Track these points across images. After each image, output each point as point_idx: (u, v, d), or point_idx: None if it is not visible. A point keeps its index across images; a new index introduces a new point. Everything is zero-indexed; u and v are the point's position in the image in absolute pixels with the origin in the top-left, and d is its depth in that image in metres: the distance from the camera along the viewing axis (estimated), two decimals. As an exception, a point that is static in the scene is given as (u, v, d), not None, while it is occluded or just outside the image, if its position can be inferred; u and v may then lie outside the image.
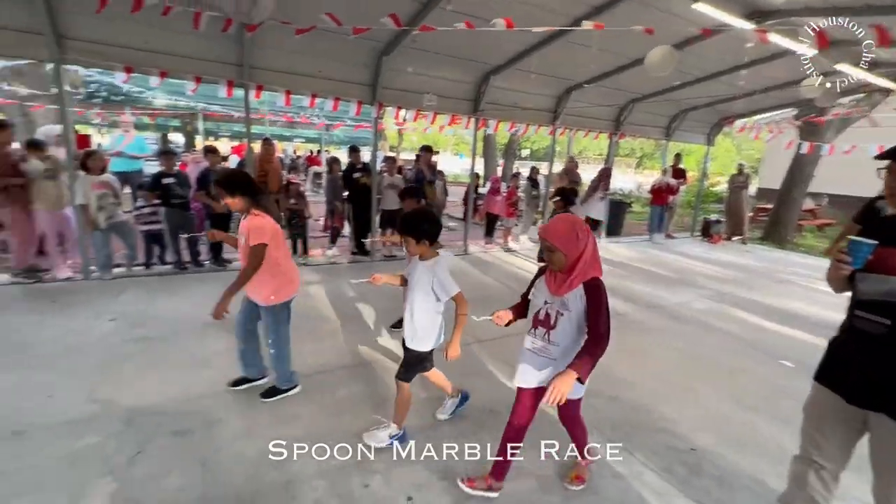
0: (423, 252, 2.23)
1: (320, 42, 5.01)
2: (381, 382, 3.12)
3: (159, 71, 4.75)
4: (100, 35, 4.45)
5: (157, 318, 3.92)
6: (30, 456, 2.22)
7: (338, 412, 2.74)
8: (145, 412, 2.61)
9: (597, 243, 1.86)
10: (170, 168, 5.02)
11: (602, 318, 1.77)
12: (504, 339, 3.71)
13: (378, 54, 5.68)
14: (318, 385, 3.02)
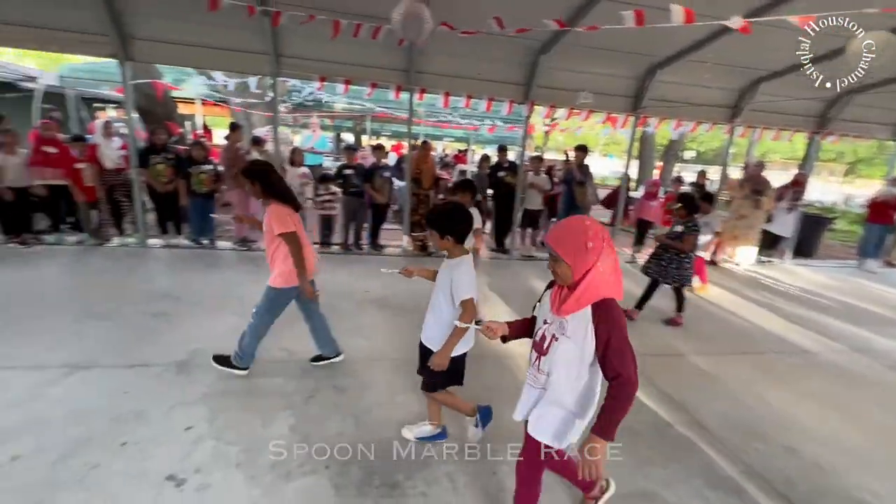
0: (448, 248, 2.06)
1: (479, 45, 5.22)
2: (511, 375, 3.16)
3: (345, 79, 5.55)
4: (304, 52, 5.41)
5: (327, 288, 4.61)
6: (241, 383, 2.85)
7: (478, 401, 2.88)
8: (318, 365, 3.12)
9: (616, 259, 1.43)
10: (350, 161, 5.84)
11: (626, 354, 1.38)
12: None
13: (535, 53, 5.69)
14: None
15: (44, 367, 2.83)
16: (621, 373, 1.37)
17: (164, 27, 5.06)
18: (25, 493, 1.92)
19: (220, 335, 3.45)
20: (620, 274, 1.46)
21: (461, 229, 2.00)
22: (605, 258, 1.39)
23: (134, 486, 2.00)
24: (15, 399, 2.50)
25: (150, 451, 2.22)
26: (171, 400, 2.61)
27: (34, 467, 2.05)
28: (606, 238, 1.41)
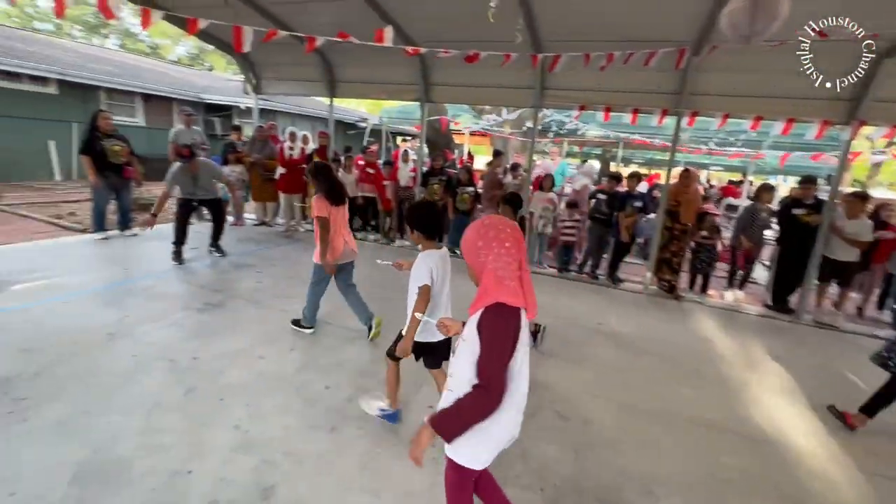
0: (418, 241, 2.30)
1: (779, 57, 4.30)
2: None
3: (605, 107, 5.50)
4: (567, 83, 5.64)
5: (556, 312, 4.65)
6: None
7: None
8: (541, 385, 3.16)
9: (519, 262, 1.34)
10: (611, 188, 5.74)
11: (488, 360, 1.29)
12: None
13: (878, 57, 4.28)
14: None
15: (347, 327, 3.82)
16: (481, 382, 1.28)
17: (454, 74, 6.20)
18: (322, 418, 2.61)
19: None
20: (526, 280, 1.36)
21: (426, 224, 2.26)
22: (498, 259, 1.31)
23: (390, 440, 2.45)
24: (331, 347, 3.46)
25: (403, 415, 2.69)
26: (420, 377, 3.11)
27: (333, 400, 2.77)
28: (503, 238, 1.32)
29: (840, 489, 2.43)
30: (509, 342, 1.32)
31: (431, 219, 2.30)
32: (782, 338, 4.57)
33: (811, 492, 2.38)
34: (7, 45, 10.86)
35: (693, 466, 2.48)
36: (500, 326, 1.31)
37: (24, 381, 2.66)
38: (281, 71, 7.41)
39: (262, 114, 8.06)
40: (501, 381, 1.30)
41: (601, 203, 5.68)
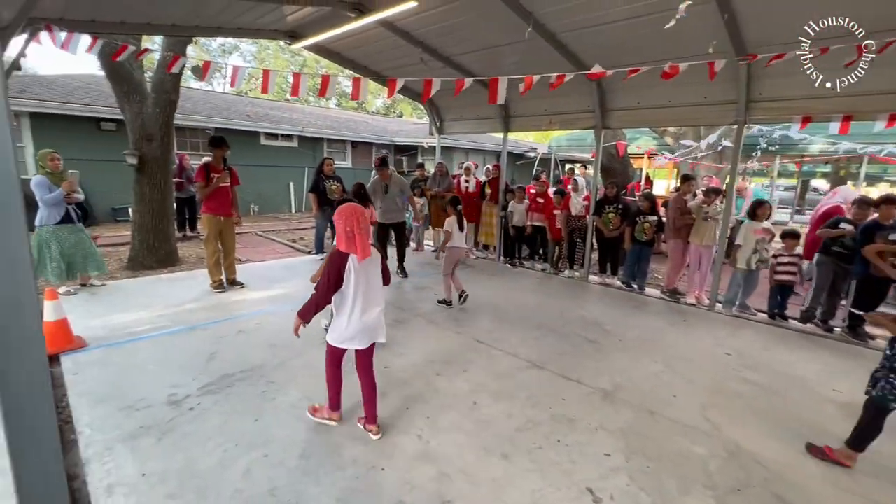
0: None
1: None
2: None
3: (843, 115, 4.40)
4: (782, 92, 4.72)
5: (770, 368, 3.81)
6: (659, 435, 2.80)
7: None
8: (749, 455, 2.61)
9: (354, 228, 2.37)
10: (885, 219, 4.27)
11: (322, 279, 2.43)
12: None
13: None
14: None
15: (517, 356, 3.85)
16: (315, 288, 2.47)
17: (635, 96, 5.83)
18: (494, 443, 2.65)
19: (641, 377, 3.54)
20: (358, 238, 2.38)
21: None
22: (342, 225, 2.39)
23: (560, 482, 2.34)
24: (501, 374, 3.53)
25: (575, 456, 2.54)
26: (596, 421, 2.90)
27: (504, 426, 2.80)
28: (348, 217, 2.38)
29: None
30: (335, 270, 2.39)
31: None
32: None
33: None
34: (271, 115, 14.71)
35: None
36: (333, 260, 2.41)
37: (272, 369, 3.43)
38: (461, 112, 8.16)
39: (442, 151, 8.97)
40: (324, 289, 2.41)
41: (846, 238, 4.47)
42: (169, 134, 6.26)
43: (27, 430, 1.08)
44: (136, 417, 2.73)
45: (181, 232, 8.79)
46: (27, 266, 1.00)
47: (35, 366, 1.06)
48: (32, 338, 1.04)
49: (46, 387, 1.09)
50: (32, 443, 1.10)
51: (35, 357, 1.05)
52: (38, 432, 1.10)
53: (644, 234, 5.74)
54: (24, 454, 1.12)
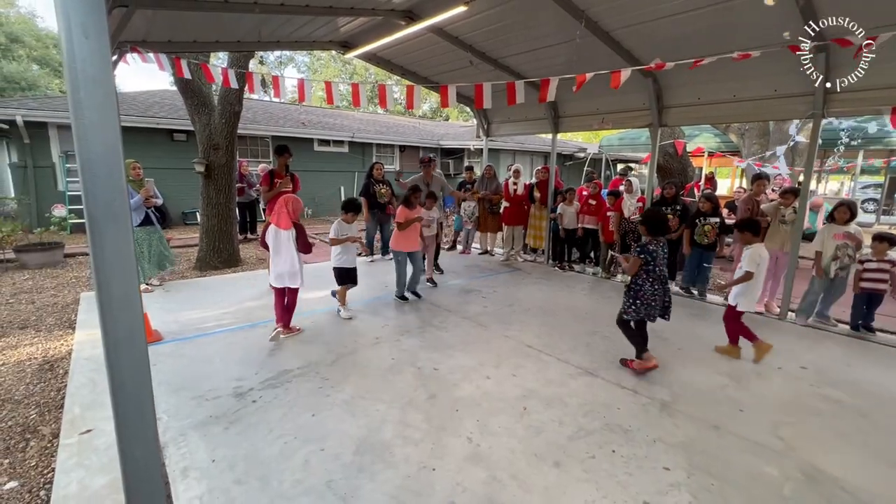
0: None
1: None
2: None
3: (941, 104, 3.94)
4: (870, 81, 4.28)
5: (854, 385, 3.46)
6: (724, 451, 2.62)
7: None
8: (830, 479, 2.39)
9: (283, 206, 3.86)
10: None
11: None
12: None
13: None
14: None
15: (567, 362, 3.76)
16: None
17: (693, 92, 5.53)
18: (545, 449, 2.59)
19: (703, 389, 3.34)
20: (280, 210, 3.88)
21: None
22: (278, 203, 3.90)
23: (616, 494, 2.25)
24: (551, 380, 3.46)
25: (631, 469, 2.44)
26: (654, 433, 2.77)
27: (555, 433, 2.74)
28: (280, 203, 3.89)
29: None
30: (262, 234, 4.02)
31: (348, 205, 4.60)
32: None
33: None
34: (324, 122, 15.35)
35: None
36: (265, 226, 4.03)
37: (326, 366, 3.57)
38: (509, 114, 8.10)
39: (489, 153, 8.94)
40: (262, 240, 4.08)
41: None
42: (233, 143, 6.70)
43: (132, 410, 1.21)
44: (207, 407, 2.93)
45: (242, 235, 9.36)
46: (132, 265, 1.12)
47: (138, 354, 1.18)
48: (137, 329, 1.16)
49: (147, 373, 1.21)
50: (136, 421, 1.22)
51: (138, 346, 1.17)
52: (141, 413, 1.22)
53: (705, 237, 5.41)
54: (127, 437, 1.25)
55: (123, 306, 1.10)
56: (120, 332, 1.12)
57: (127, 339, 1.13)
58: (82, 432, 2.66)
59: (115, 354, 1.13)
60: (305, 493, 2.19)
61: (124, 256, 1.07)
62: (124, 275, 1.08)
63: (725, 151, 11.02)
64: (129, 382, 1.16)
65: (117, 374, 1.14)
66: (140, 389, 1.18)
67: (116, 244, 1.05)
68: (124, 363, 1.14)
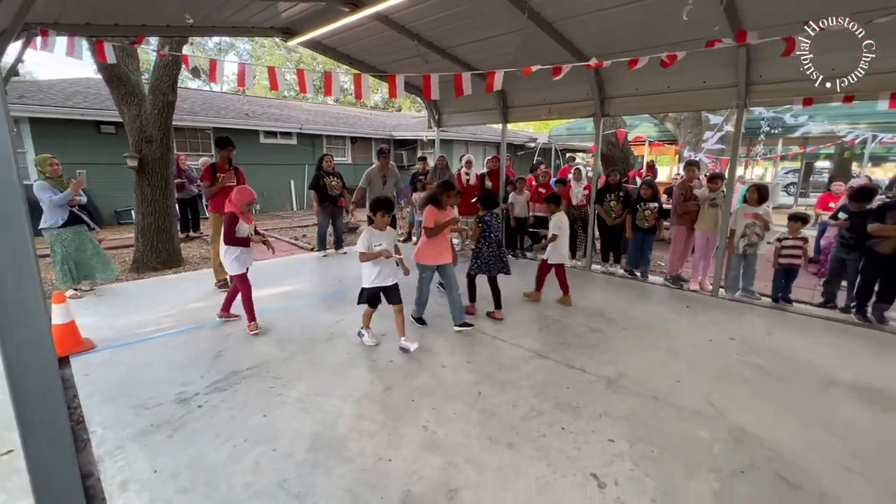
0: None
1: None
2: None
3: (845, 95, 4.36)
4: (785, 74, 4.67)
5: (774, 352, 3.81)
6: (664, 421, 2.82)
7: None
8: (753, 438, 2.62)
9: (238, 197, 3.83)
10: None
11: (226, 230, 3.82)
12: None
13: None
14: None
15: (520, 346, 3.87)
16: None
17: (633, 83, 5.79)
18: (499, 432, 2.67)
19: (645, 366, 3.55)
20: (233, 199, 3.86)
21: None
22: (233, 194, 3.89)
23: (565, 468, 2.37)
24: (504, 364, 3.55)
25: (579, 443, 2.56)
26: (600, 408, 2.93)
27: (509, 416, 2.82)
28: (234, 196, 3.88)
29: None
30: (233, 222, 3.78)
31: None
32: None
33: None
34: (269, 113, 14.69)
35: None
36: (227, 220, 3.79)
37: (278, 365, 3.47)
38: (460, 104, 8.12)
39: (441, 144, 8.94)
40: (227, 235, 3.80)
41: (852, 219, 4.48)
42: (168, 135, 6.28)
43: (40, 430, 1.11)
44: (147, 416, 2.77)
45: (184, 233, 8.84)
46: (31, 269, 1.02)
47: (44, 367, 1.08)
48: (40, 340, 1.06)
49: (56, 388, 1.11)
50: (46, 442, 1.12)
51: (44, 358, 1.08)
52: (50, 432, 1.12)
53: (646, 221, 5.72)
54: (38, 454, 1.15)
55: (21, 312, 1.00)
56: (19, 340, 1.02)
57: (29, 347, 1.03)
58: (2, 453, 2.44)
59: (17, 366, 1.03)
60: (256, 496, 2.14)
61: (19, 258, 0.97)
62: (19, 280, 0.98)
63: (664, 140, 11.66)
64: (37, 402, 1.06)
65: (19, 394, 1.04)
66: (49, 407, 1.09)
67: (9, 245, 0.95)
68: (29, 375, 1.05)
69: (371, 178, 6.46)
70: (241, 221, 3.89)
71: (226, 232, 3.83)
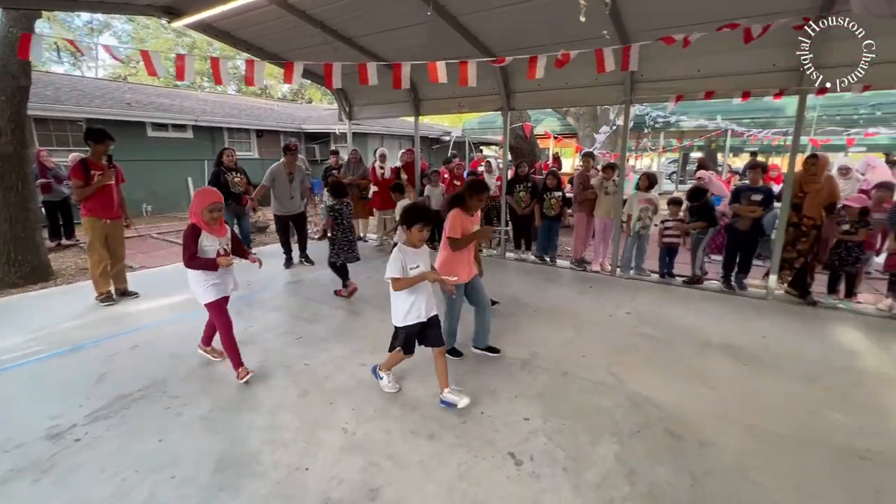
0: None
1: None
2: None
3: (704, 94, 4.99)
4: (660, 73, 5.23)
5: (662, 322, 4.28)
6: (572, 394, 3.03)
7: None
8: (649, 402, 2.93)
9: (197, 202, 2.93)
10: (755, 182, 5.02)
11: (184, 249, 2.91)
12: None
13: None
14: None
15: (440, 337, 3.92)
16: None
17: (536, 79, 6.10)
18: (421, 424, 2.69)
19: (555, 344, 3.80)
20: (194, 210, 2.94)
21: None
22: (194, 201, 2.95)
23: (485, 452, 2.45)
24: (426, 356, 3.56)
25: (498, 426, 2.67)
26: (516, 389, 3.07)
27: (430, 407, 2.85)
28: (197, 194, 2.98)
29: None
30: (192, 237, 2.91)
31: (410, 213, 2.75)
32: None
33: None
34: (158, 102, 13.14)
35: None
36: (188, 233, 2.91)
37: (176, 382, 3.14)
38: (371, 96, 7.94)
39: (354, 137, 8.70)
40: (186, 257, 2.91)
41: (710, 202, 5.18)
42: (22, 127, 5.33)
43: None
44: (5, 461, 2.34)
45: (54, 241, 7.63)
46: None
47: None
48: None
49: None
50: None
51: None
52: None
53: (552, 209, 6.10)
54: None
55: None
56: None
57: None
58: None
59: None
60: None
61: None
62: None
63: (566, 134, 12.51)
64: None
65: None
66: None
67: None
68: None
69: (275, 176, 6.08)
70: (205, 234, 2.95)
71: (183, 251, 2.92)
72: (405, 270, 2.67)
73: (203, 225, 2.92)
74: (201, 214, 2.90)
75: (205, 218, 2.91)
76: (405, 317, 2.76)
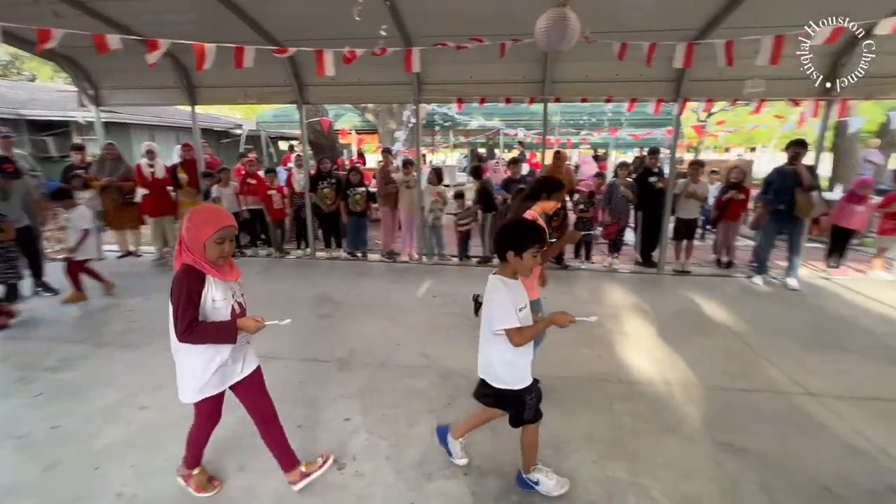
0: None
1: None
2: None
3: (479, 98, 5.76)
4: (443, 77, 5.79)
5: (462, 301, 4.79)
6: (389, 382, 3.13)
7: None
8: (456, 373, 3.25)
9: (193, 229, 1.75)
10: (515, 175, 6.08)
11: (175, 311, 1.73)
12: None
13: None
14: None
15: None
16: (175, 328, 1.78)
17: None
18: (234, 448, 2.39)
19: (371, 337, 3.86)
20: (193, 242, 1.76)
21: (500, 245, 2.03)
22: (184, 229, 1.78)
23: (307, 464, 2.33)
24: (227, 379, 3.15)
25: (318, 434, 2.57)
26: (335, 391, 3.00)
27: (241, 431, 2.54)
28: (191, 216, 1.78)
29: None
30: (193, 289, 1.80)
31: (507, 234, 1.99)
32: (649, 287, 5.30)
33: (698, 421, 2.81)
34: None
35: (593, 417, 2.77)
36: (185, 283, 1.77)
37: None
38: (126, 78, 6.45)
39: (109, 128, 6.95)
40: (186, 326, 1.77)
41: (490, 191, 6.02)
42: None
43: None
44: None
45: None
46: None
47: None
48: None
49: None
50: None
51: None
52: None
53: (357, 205, 6.14)
54: None
55: None
56: None
57: None
58: None
59: None
60: None
61: None
62: None
63: (367, 130, 12.73)
64: None
65: None
66: None
67: None
68: None
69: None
70: (212, 280, 1.83)
71: (176, 316, 1.76)
72: (518, 315, 1.93)
73: (207, 266, 1.81)
74: (202, 249, 1.77)
75: (209, 255, 1.80)
76: (526, 371, 2.06)
